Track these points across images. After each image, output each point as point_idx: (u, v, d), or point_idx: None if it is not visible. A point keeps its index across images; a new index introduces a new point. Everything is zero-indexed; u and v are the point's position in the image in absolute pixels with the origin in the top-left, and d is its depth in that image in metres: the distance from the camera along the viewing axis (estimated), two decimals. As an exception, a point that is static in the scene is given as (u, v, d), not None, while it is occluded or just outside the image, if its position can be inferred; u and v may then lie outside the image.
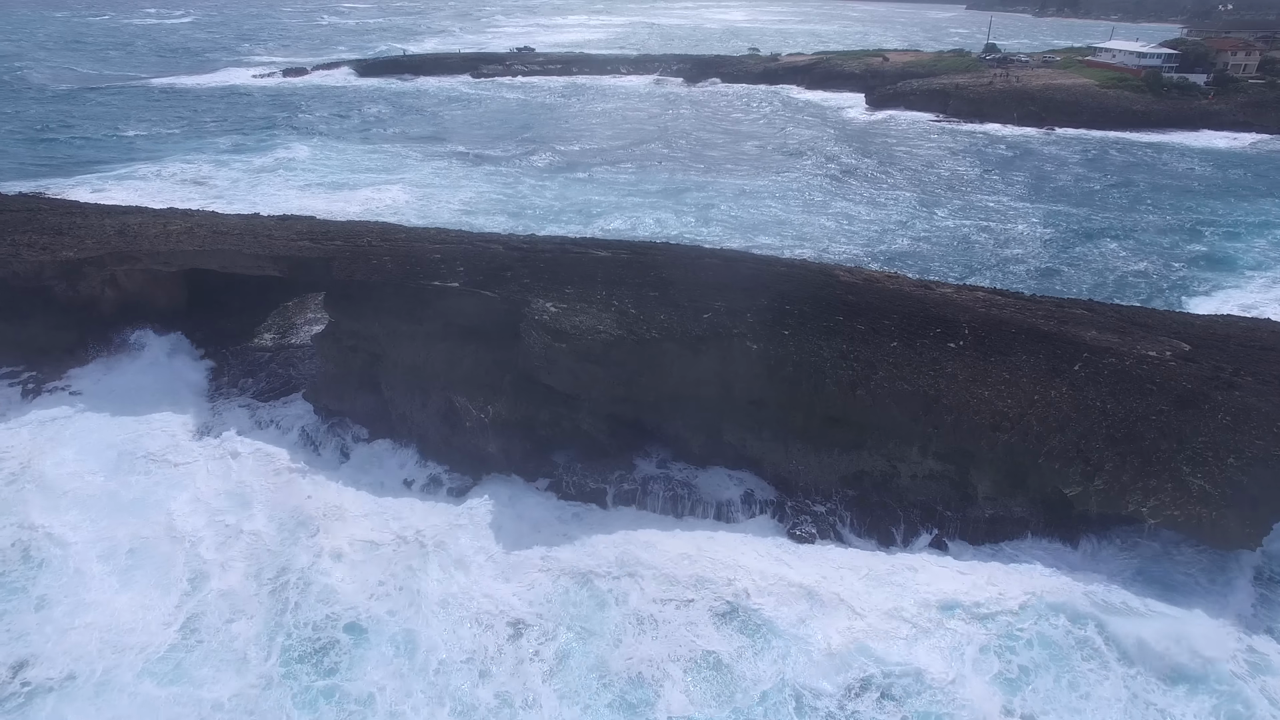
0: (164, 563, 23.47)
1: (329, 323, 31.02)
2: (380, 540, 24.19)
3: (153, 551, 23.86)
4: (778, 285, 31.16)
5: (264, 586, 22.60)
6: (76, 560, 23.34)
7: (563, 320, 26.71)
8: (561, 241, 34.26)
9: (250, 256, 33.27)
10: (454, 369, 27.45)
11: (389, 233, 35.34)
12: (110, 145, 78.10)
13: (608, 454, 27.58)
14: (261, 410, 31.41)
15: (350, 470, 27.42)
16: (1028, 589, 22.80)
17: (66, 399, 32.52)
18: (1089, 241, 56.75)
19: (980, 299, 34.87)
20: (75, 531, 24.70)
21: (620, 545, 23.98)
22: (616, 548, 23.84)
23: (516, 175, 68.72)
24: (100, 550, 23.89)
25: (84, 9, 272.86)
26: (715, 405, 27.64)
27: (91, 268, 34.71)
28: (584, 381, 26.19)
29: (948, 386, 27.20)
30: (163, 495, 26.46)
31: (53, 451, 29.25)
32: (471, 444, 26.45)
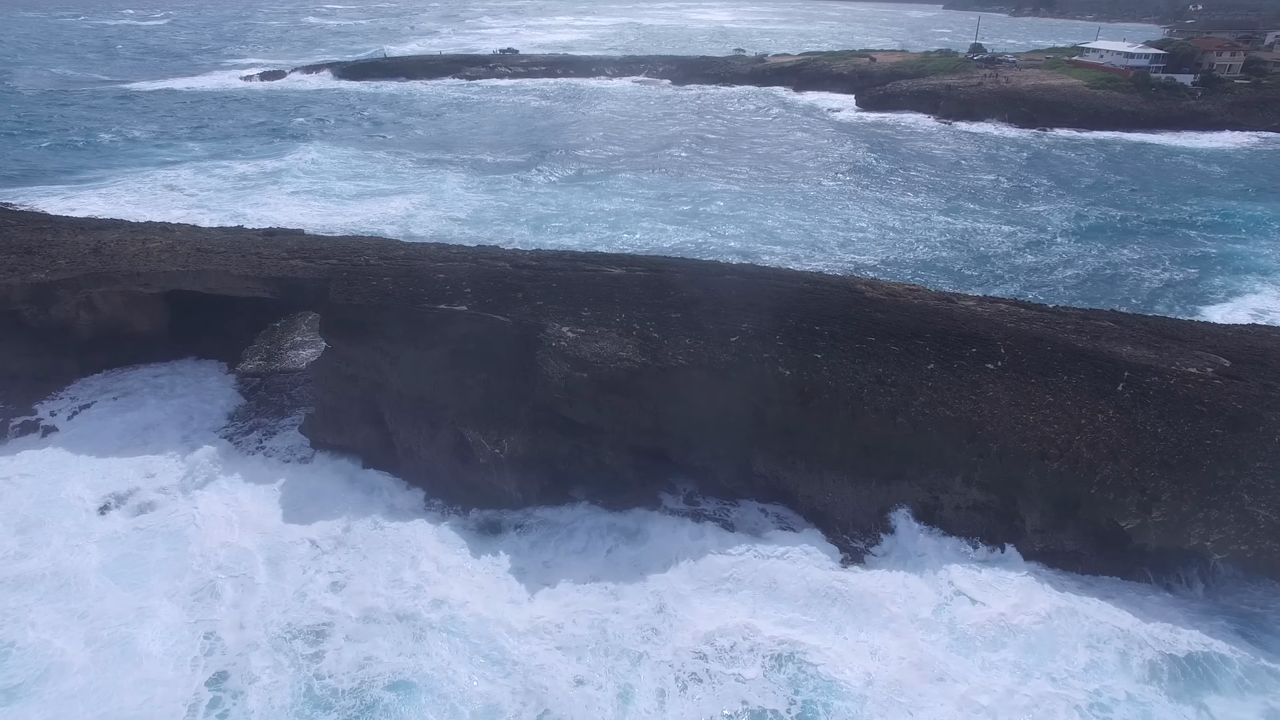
0: (171, 632, 21.19)
1: (325, 349, 28.91)
2: (402, 588, 22.13)
3: (155, 620, 21.49)
4: (804, 304, 29.53)
5: (288, 647, 20.50)
6: (62, 642, 20.88)
7: (582, 347, 24.88)
8: (572, 258, 32.38)
9: (238, 277, 31.08)
10: (464, 399, 25.49)
11: (387, 249, 33.26)
12: (84, 152, 74.88)
13: (630, 488, 25.77)
14: (251, 446, 29.12)
15: (356, 510, 25.27)
16: (1093, 631, 21.24)
17: (36, 440, 29.97)
18: (1098, 245, 55.78)
19: (1006, 312, 33.50)
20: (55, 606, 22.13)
21: (652, 588, 22.14)
22: (648, 591, 22.00)
23: (512, 182, 66.57)
24: (91, 626, 21.45)
25: (57, 9, 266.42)
26: (745, 435, 25.94)
27: (65, 290, 32.28)
28: (607, 413, 24.40)
29: (990, 411, 25.73)
30: (155, 554, 24.01)
31: (23, 500, 26.79)
32: (486, 481, 24.51)
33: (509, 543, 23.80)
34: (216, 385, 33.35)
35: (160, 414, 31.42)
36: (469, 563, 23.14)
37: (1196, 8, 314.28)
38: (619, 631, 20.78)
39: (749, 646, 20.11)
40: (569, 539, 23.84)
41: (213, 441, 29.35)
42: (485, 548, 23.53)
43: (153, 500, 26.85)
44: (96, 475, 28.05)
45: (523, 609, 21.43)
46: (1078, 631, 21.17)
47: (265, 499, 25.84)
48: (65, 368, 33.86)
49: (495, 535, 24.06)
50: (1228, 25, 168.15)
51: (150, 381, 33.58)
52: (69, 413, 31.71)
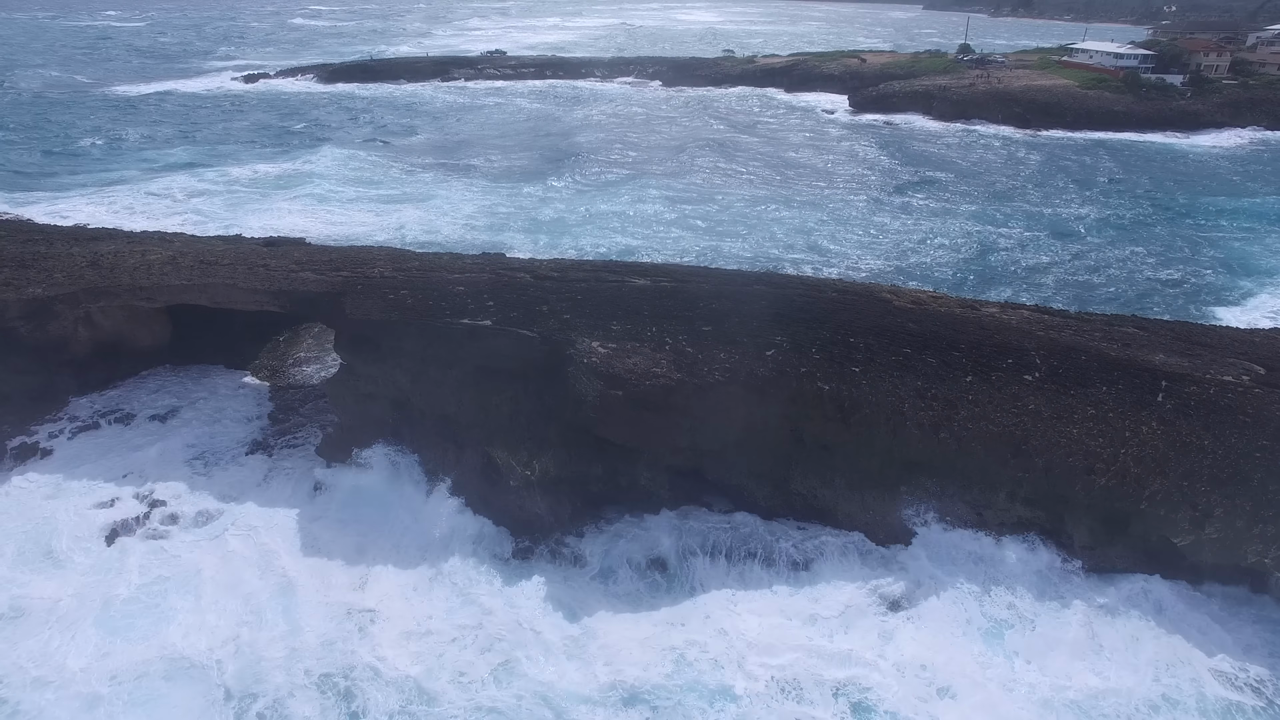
0: (193, 682, 19.88)
1: (341, 367, 27.75)
2: (439, 629, 20.98)
3: (175, 673, 20.08)
4: (836, 315, 28.77)
5: (332, 697, 19.27)
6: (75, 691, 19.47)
7: (615, 363, 23.93)
8: (593, 268, 31.41)
9: (246, 290, 29.79)
10: (490, 418, 24.47)
11: (400, 259, 32.11)
12: (74, 158, 72.75)
13: (664, 508, 24.85)
14: (264, 469, 27.82)
15: (379, 538, 24.12)
16: (1155, 656, 20.58)
17: (35, 464, 28.55)
18: (1108, 247, 55.65)
19: (1032, 320, 32.99)
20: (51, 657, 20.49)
21: (701, 618, 21.22)
22: (697, 623, 21.07)
23: (517, 189, 65.23)
24: (99, 679, 20.02)
25: (34, 9, 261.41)
26: (782, 452, 25.13)
27: (64, 305, 30.85)
28: (642, 432, 23.47)
29: (1033, 425, 25.10)
30: (167, 599, 22.49)
31: (20, 533, 25.33)
32: (516, 504, 23.50)
33: (550, 577, 22.57)
34: (223, 403, 32.03)
35: (165, 435, 30.11)
36: (512, 606, 21.73)
37: (1170, 9, 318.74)
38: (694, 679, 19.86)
39: (813, 680, 19.22)
40: (609, 573, 22.80)
41: (223, 465, 28.10)
42: (525, 585, 22.25)
43: (162, 531, 25.56)
44: (101, 503, 26.69)
45: (587, 666, 20.02)
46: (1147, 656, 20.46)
47: (282, 530, 24.57)
48: (62, 386, 32.41)
49: (531, 568, 22.86)
50: (1209, 27, 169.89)
51: (152, 400, 32.20)
52: (69, 434, 30.30)
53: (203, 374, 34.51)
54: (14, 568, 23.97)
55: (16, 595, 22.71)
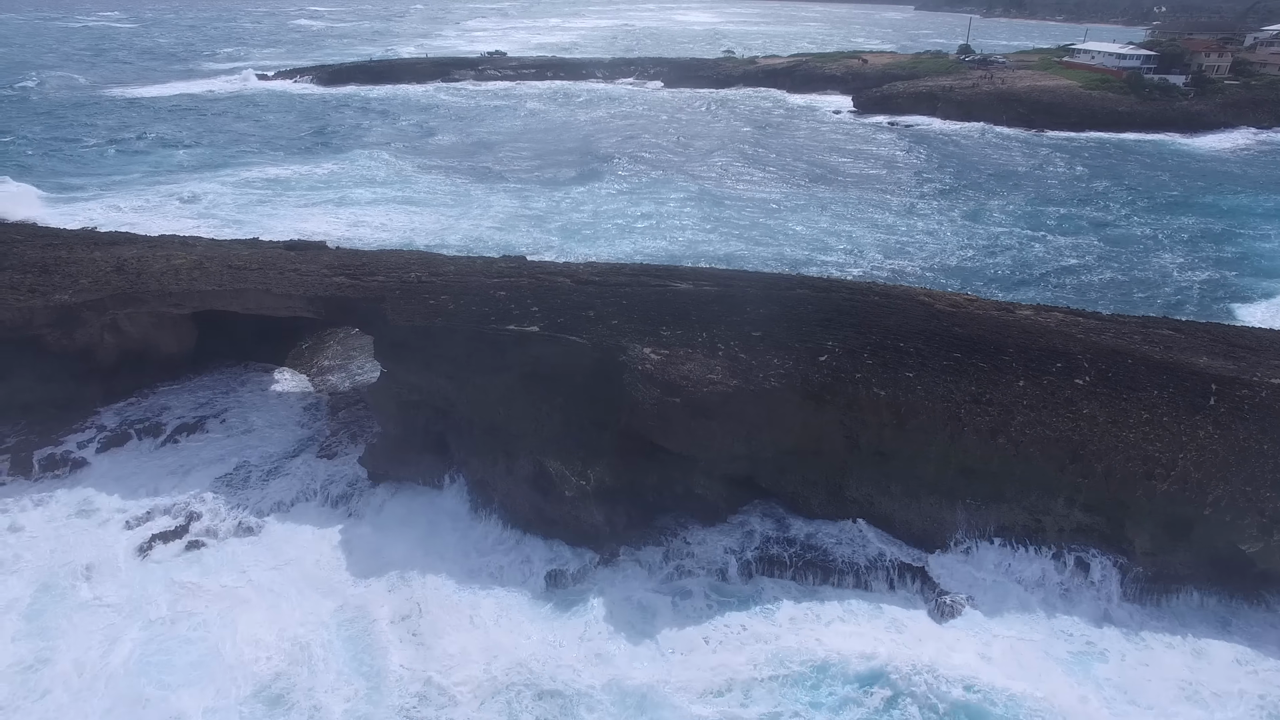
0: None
1: (382, 374, 27.13)
2: (503, 667, 20.03)
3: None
4: (882, 319, 28.38)
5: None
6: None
7: (670, 370, 23.47)
8: (633, 272, 30.95)
9: (280, 296, 29.19)
10: (541, 427, 23.93)
11: (434, 264, 31.55)
12: (77, 161, 71.67)
13: (719, 516, 24.41)
14: (301, 480, 27.10)
15: (427, 557, 23.43)
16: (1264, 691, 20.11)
17: (66, 476, 27.83)
18: (1124, 247, 55.59)
19: (1069, 322, 32.77)
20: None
21: (778, 632, 20.72)
22: (789, 637, 20.53)
23: (536, 190, 64.60)
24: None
25: (29, 9, 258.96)
26: (838, 459, 24.71)
27: (90, 312, 30.15)
28: (701, 440, 23.00)
29: (1090, 430, 24.76)
30: (209, 629, 21.49)
31: (53, 549, 24.47)
32: (571, 515, 22.96)
33: (612, 596, 21.89)
34: (253, 413, 31.36)
35: (196, 447, 29.46)
36: (581, 635, 20.86)
37: (1160, 9, 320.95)
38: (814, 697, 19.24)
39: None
40: (672, 586, 22.25)
41: (259, 478, 27.36)
42: (590, 606, 21.51)
43: (198, 552, 24.82)
44: (133, 519, 25.97)
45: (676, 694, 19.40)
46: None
47: (327, 550, 23.80)
48: (88, 395, 31.65)
49: (592, 587, 22.16)
50: (1204, 27, 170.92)
51: (180, 410, 31.46)
52: (98, 444, 29.53)
53: (229, 382, 33.83)
54: (43, 594, 23.14)
55: (45, 627, 21.84)
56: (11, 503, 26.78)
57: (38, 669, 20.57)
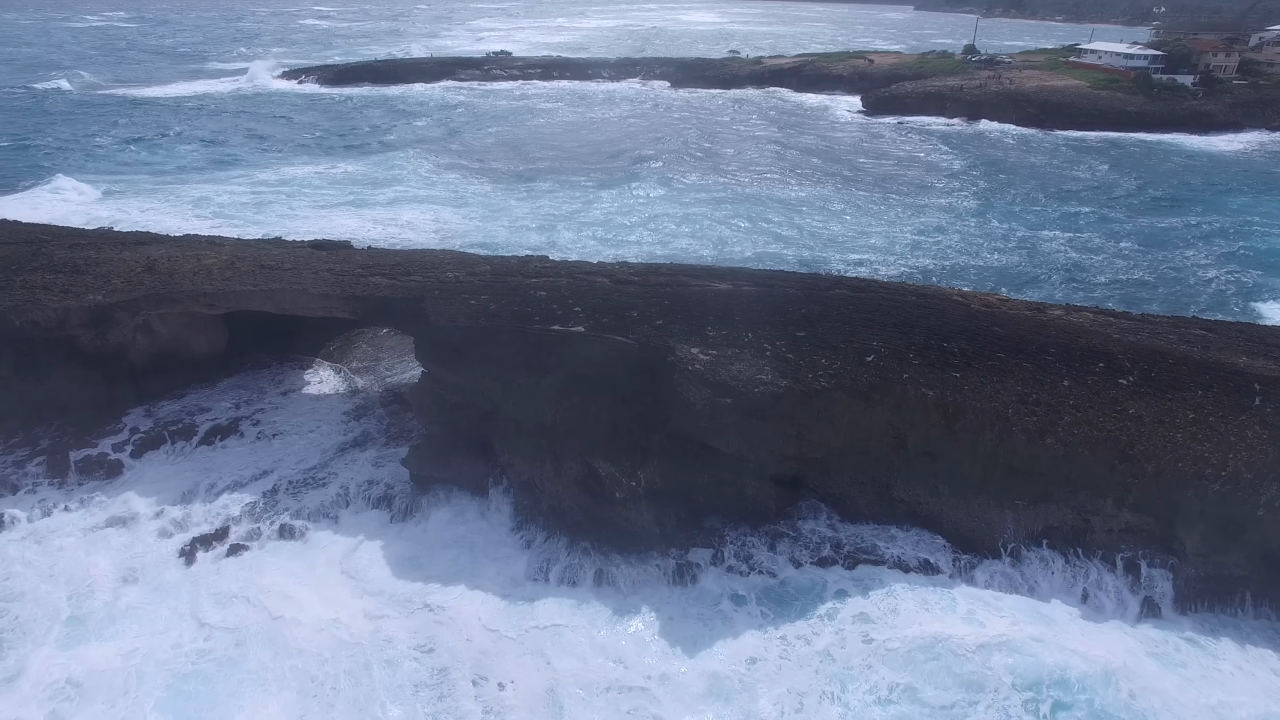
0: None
1: (424, 376, 26.95)
2: (569, 690, 19.47)
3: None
4: (923, 319, 28.28)
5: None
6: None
7: (720, 370, 23.33)
8: (671, 271, 30.81)
9: (317, 296, 29.00)
10: (589, 429, 23.76)
11: (470, 263, 31.39)
12: (89, 158, 71.43)
13: (768, 518, 24.27)
14: (340, 487, 26.79)
15: (473, 565, 23.25)
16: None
17: (102, 480, 27.60)
18: (1146, 246, 55.59)
19: (1100, 321, 32.71)
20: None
21: (848, 634, 20.54)
22: (854, 643, 20.33)
23: (557, 189, 64.50)
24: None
25: (34, 10, 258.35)
26: (885, 459, 24.58)
27: (124, 313, 29.94)
28: (752, 440, 22.86)
29: (1137, 430, 24.64)
30: (247, 647, 21.12)
31: (87, 557, 24.17)
32: (622, 516, 22.81)
33: (664, 607, 21.62)
34: (286, 415, 31.15)
35: (231, 450, 29.23)
36: (639, 646, 20.46)
37: (1159, 9, 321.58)
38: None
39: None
40: (727, 589, 22.06)
41: (299, 481, 27.09)
42: (646, 618, 21.15)
43: (244, 546, 24.71)
44: (170, 524, 25.74)
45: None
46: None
47: (371, 561, 23.50)
48: (120, 396, 31.43)
49: (647, 595, 21.90)
50: (1207, 27, 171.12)
51: (213, 412, 31.26)
52: (132, 447, 29.29)
53: (259, 383, 33.63)
54: (85, 600, 22.85)
55: (87, 635, 21.57)
56: (51, 506, 26.57)
57: (76, 684, 20.25)
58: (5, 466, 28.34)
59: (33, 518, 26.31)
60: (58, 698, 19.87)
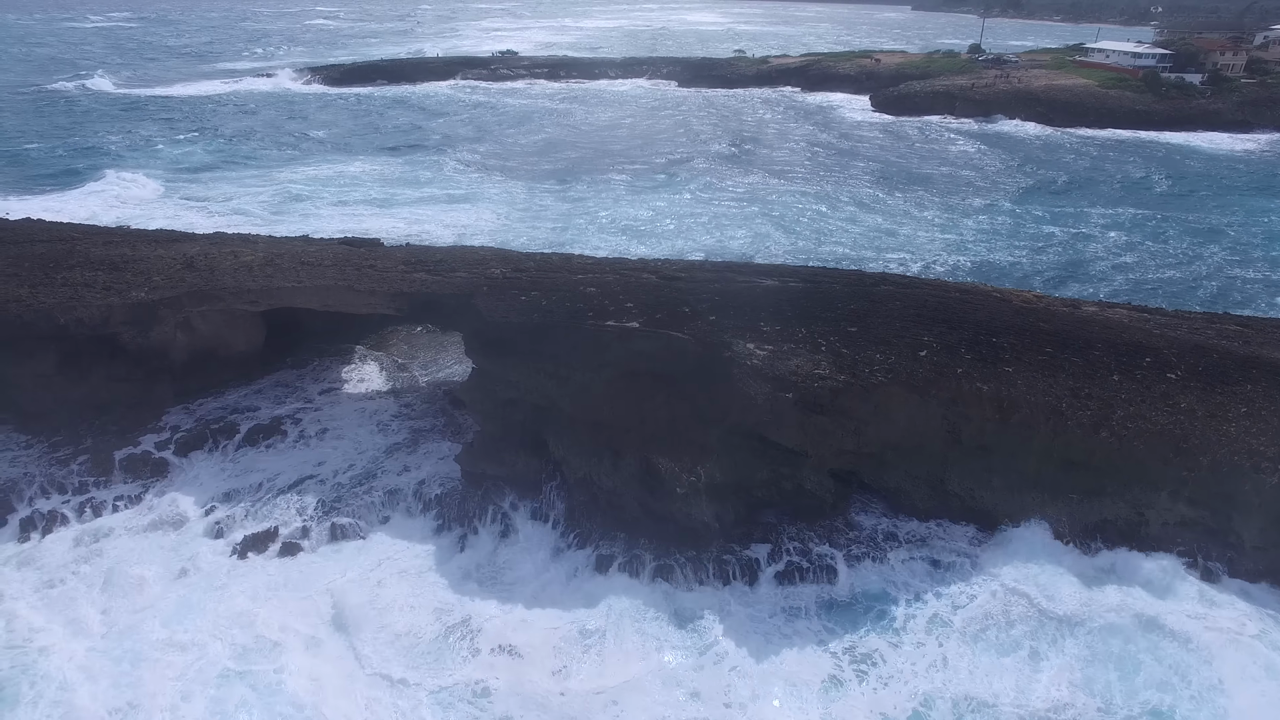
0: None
1: (476, 371, 26.90)
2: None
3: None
4: (970, 314, 28.35)
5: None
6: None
7: (778, 365, 23.34)
8: (716, 268, 30.86)
9: (363, 293, 28.94)
10: (646, 424, 23.75)
11: (513, 260, 31.36)
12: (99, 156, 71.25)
13: (823, 512, 24.27)
14: (388, 488, 26.56)
15: (523, 569, 23.16)
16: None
17: (148, 478, 27.48)
18: (1168, 243, 55.76)
19: (1136, 317, 32.87)
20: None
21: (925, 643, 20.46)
22: (929, 651, 20.25)
23: (578, 187, 64.50)
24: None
25: (37, 10, 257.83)
26: (939, 453, 24.61)
27: (167, 310, 29.83)
28: (812, 435, 22.86)
29: (1190, 424, 24.71)
30: (287, 656, 20.93)
31: (139, 564, 23.99)
32: (682, 512, 22.78)
33: (729, 611, 21.51)
34: (329, 413, 31.04)
35: (276, 447, 29.11)
36: (712, 653, 20.19)
37: (1157, 9, 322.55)
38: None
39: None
40: (785, 590, 22.04)
41: (346, 479, 26.92)
42: (711, 624, 20.92)
43: (296, 545, 24.65)
44: (225, 520, 25.64)
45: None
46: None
47: (428, 558, 23.46)
48: (159, 394, 31.30)
49: (711, 599, 21.75)
50: (1211, 26, 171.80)
51: (253, 410, 31.12)
52: (174, 445, 29.17)
53: (297, 381, 33.53)
54: (135, 600, 22.66)
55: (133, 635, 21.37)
56: (100, 505, 26.48)
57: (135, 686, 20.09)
58: (50, 465, 28.21)
59: (83, 517, 26.23)
60: (119, 699, 19.72)
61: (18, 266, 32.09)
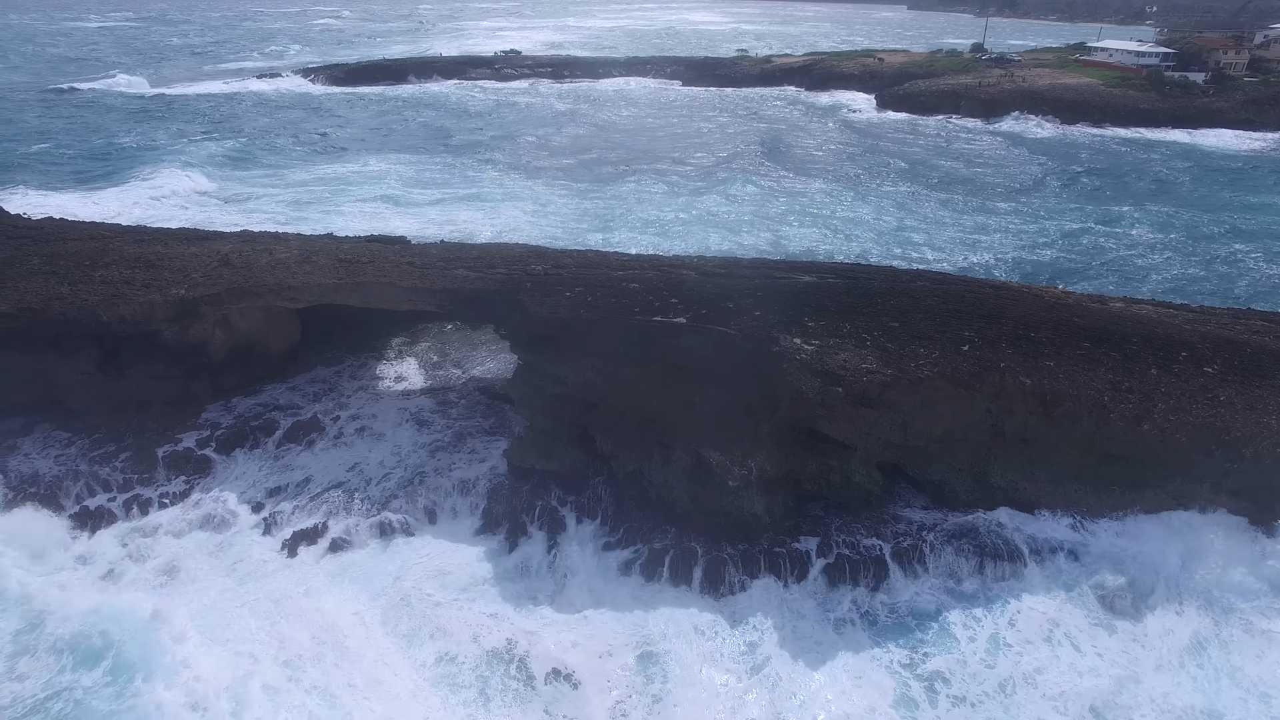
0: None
1: (522, 367, 27.11)
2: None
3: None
4: (1006, 310, 28.63)
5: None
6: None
7: (827, 359, 23.61)
8: (753, 264, 31.13)
9: (405, 289, 29.13)
10: (696, 418, 23.99)
11: (551, 256, 31.56)
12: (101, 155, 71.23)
13: (869, 505, 24.54)
14: (431, 488, 26.57)
15: (582, 557, 23.34)
16: None
17: (192, 475, 27.61)
18: (1182, 240, 56.20)
19: (1163, 313, 33.21)
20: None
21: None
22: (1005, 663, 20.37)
23: (595, 186, 64.56)
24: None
25: (36, 11, 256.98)
26: (983, 446, 24.91)
27: (208, 307, 29.97)
28: (862, 428, 23.14)
29: (1231, 416, 25.06)
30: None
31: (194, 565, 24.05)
32: (734, 505, 23.03)
33: (775, 610, 21.79)
34: (369, 410, 31.16)
35: (317, 444, 29.15)
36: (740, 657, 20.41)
37: (1152, 9, 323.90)
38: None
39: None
40: (834, 584, 22.32)
41: (392, 477, 27.01)
42: (759, 628, 21.05)
43: (347, 541, 24.83)
44: (273, 517, 25.74)
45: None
46: None
47: (478, 559, 23.52)
48: (197, 392, 31.44)
49: (760, 599, 21.98)
50: (1211, 25, 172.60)
51: (293, 407, 31.26)
52: (215, 443, 29.30)
53: (334, 378, 33.64)
54: (194, 599, 22.69)
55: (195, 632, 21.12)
56: (146, 502, 26.60)
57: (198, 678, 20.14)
58: (92, 462, 28.29)
59: (130, 515, 26.35)
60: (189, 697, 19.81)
61: (53, 265, 32.20)
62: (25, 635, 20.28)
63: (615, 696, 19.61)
